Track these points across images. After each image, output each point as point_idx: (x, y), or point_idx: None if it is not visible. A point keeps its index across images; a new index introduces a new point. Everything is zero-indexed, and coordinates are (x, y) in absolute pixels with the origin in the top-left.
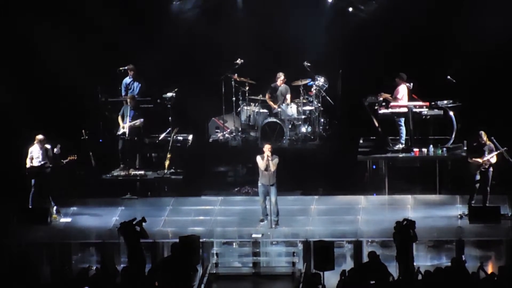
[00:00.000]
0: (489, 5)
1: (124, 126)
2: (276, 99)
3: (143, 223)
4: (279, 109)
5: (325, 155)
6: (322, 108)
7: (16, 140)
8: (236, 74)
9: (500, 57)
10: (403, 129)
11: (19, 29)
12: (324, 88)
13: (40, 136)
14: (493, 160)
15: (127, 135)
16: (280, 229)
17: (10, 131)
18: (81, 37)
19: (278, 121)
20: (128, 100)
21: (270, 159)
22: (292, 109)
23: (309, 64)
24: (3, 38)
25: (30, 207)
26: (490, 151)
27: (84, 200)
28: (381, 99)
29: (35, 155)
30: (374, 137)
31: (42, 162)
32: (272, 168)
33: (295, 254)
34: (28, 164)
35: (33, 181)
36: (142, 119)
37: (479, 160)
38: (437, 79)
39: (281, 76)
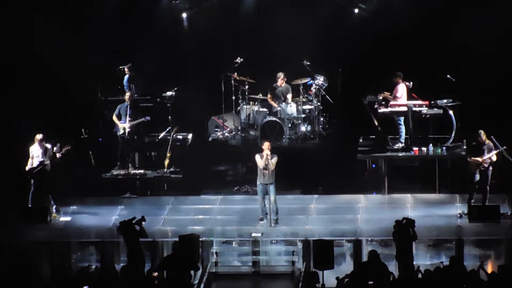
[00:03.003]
0: (489, 4)
1: (125, 126)
2: (276, 99)
3: (143, 222)
4: (278, 108)
5: (324, 154)
6: (321, 107)
7: (15, 139)
8: (235, 73)
9: (500, 56)
10: (403, 128)
11: (18, 27)
12: (324, 87)
13: (39, 136)
14: (494, 158)
15: (127, 134)
16: (279, 228)
17: (9, 130)
18: (80, 35)
19: (277, 120)
20: (126, 98)
21: (269, 157)
22: (291, 108)
23: (308, 63)
24: (2, 36)
25: (30, 205)
26: (490, 150)
27: (83, 199)
28: (380, 98)
29: (35, 154)
30: (373, 136)
31: (41, 160)
32: (272, 166)
33: (294, 253)
34: (29, 165)
35: (32, 180)
36: (148, 117)
37: (479, 159)
38: (436, 78)
39: (281, 76)
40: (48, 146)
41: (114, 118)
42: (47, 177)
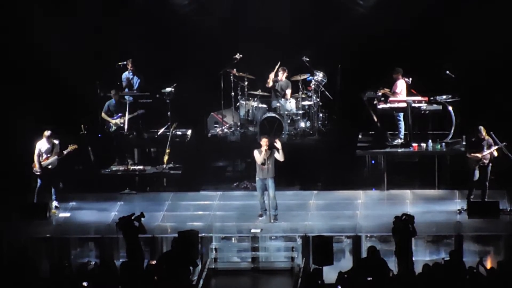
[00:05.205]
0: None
1: (117, 122)
2: (275, 94)
3: (142, 218)
4: (278, 104)
5: (324, 150)
6: (321, 103)
7: (16, 135)
8: (235, 69)
9: (499, 52)
10: (402, 124)
11: (18, 23)
12: (323, 83)
13: (47, 133)
14: (495, 154)
15: (126, 130)
16: (279, 224)
17: (10, 126)
18: (80, 32)
19: (277, 116)
20: (112, 94)
21: (277, 148)
22: (291, 104)
23: (308, 59)
24: (2, 33)
25: (35, 201)
26: (489, 146)
27: (83, 195)
28: (380, 94)
29: (43, 150)
30: (373, 132)
31: (48, 156)
32: (281, 158)
33: (294, 249)
34: (36, 161)
35: (41, 176)
36: (143, 110)
37: (478, 155)
38: (436, 74)
39: (280, 70)
40: (56, 142)
41: (103, 115)
42: (54, 174)
